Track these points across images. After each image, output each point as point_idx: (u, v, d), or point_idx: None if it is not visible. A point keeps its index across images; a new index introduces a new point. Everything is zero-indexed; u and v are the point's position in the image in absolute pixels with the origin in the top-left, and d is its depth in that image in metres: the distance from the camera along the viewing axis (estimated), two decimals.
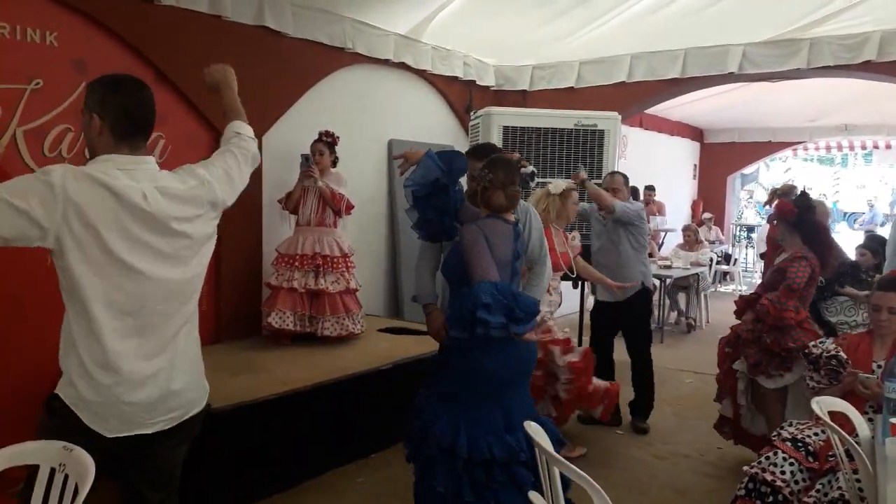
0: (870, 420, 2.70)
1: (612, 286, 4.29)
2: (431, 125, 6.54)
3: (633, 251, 4.51)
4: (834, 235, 4.65)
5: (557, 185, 4.14)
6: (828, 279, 4.42)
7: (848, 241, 8.67)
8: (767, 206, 4.87)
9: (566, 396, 3.97)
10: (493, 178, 2.64)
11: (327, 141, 4.67)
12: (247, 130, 2.30)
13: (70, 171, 1.83)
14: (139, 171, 1.94)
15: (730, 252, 11.65)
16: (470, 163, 2.87)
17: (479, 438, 2.51)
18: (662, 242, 10.06)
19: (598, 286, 4.59)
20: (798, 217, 3.82)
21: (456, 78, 6.65)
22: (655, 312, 8.24)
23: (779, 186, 4.94)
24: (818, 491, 2.64)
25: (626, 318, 4.63)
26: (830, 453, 2.63)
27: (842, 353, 3.02)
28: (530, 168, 2.97)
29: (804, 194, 4.20)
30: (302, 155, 4.57)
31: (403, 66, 6.03)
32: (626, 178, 4.68)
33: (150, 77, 4.09)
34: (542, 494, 2.05)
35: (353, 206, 4.66)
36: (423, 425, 2.63)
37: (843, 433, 2.33)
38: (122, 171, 1.90)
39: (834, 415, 2.55)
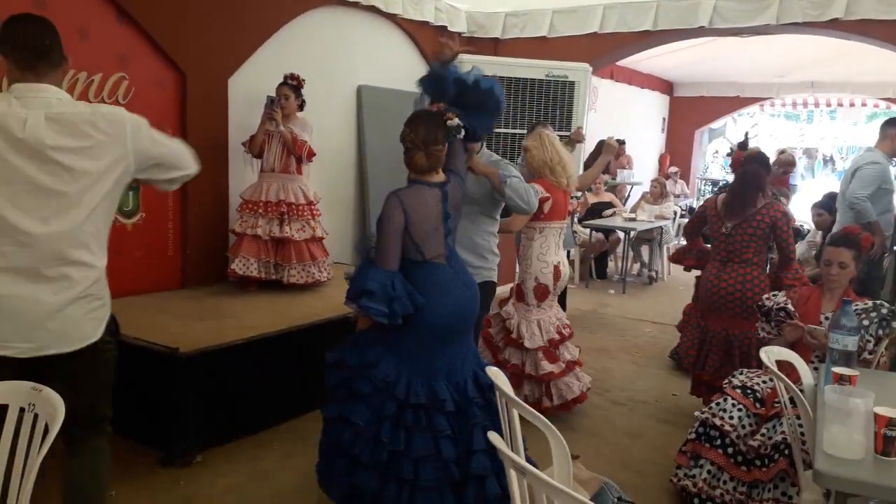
0: (815, 369, 2.84)
1: None
2: (402, 72, 6.43)
3: None
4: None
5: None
6: None
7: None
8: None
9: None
10: (414, 137, 2.51)
11: (293, 84, 4.55)
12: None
13: None
14: (35, 100, 1.98)
15: (694, 206, 11.83)
16: None
17: (416, 384, 2.52)
18: (628, 196, 10.16)
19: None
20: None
21: (427, 23, 6.51)
22: (619, 264, 8.42)
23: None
24: (763, 435, 2.80)
25: None
26: (776, 400, 2.77)
27: (790, 306, 3.15)
28: (456, 120, 2.68)
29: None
30: (268, 97, 4.47)
31: (373, 10, 5.89)
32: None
33: (112, 15, 3.89)
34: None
35: (314, 154, 4.60)
36: (360, 363, 2.57)
37: (788, 381, 2.45)
38: (17, 100, 1.96)
39: (782, 364, 2.68)
